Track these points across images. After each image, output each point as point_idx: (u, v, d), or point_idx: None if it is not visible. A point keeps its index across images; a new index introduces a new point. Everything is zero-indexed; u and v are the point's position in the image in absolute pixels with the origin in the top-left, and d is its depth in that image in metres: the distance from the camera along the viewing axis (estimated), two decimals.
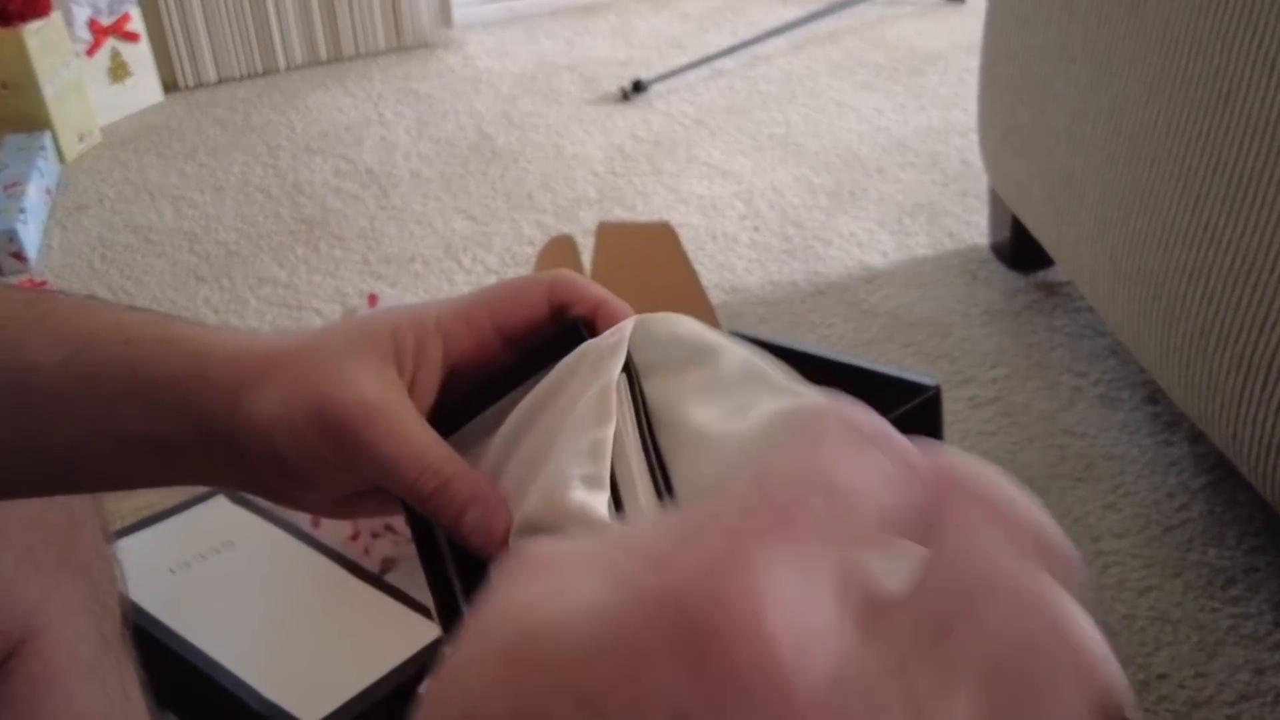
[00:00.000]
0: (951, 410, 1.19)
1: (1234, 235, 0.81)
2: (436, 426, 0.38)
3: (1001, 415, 1.20)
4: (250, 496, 0.94)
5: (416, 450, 0.37)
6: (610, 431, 0.34)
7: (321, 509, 0.41)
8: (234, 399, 0.37)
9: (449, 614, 0.37)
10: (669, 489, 0.34)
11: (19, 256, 1.53)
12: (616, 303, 0.40)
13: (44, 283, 1.44)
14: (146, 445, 0.39)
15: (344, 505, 0.41)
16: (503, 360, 0.41)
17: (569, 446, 0.34)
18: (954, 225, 1.54)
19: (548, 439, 0.35)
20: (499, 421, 0.39)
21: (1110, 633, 0.95)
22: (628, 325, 0.37)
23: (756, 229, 1.57)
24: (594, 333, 0.39)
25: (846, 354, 1.10)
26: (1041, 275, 1.41)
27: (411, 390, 0.38)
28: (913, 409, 1.15)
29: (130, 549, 0.89)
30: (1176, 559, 1.02)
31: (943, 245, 1.50)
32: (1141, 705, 0.90)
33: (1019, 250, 1.39)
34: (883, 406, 1.01)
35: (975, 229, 1.52)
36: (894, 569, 0.17)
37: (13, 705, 0.53)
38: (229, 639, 0.83)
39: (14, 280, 1.50)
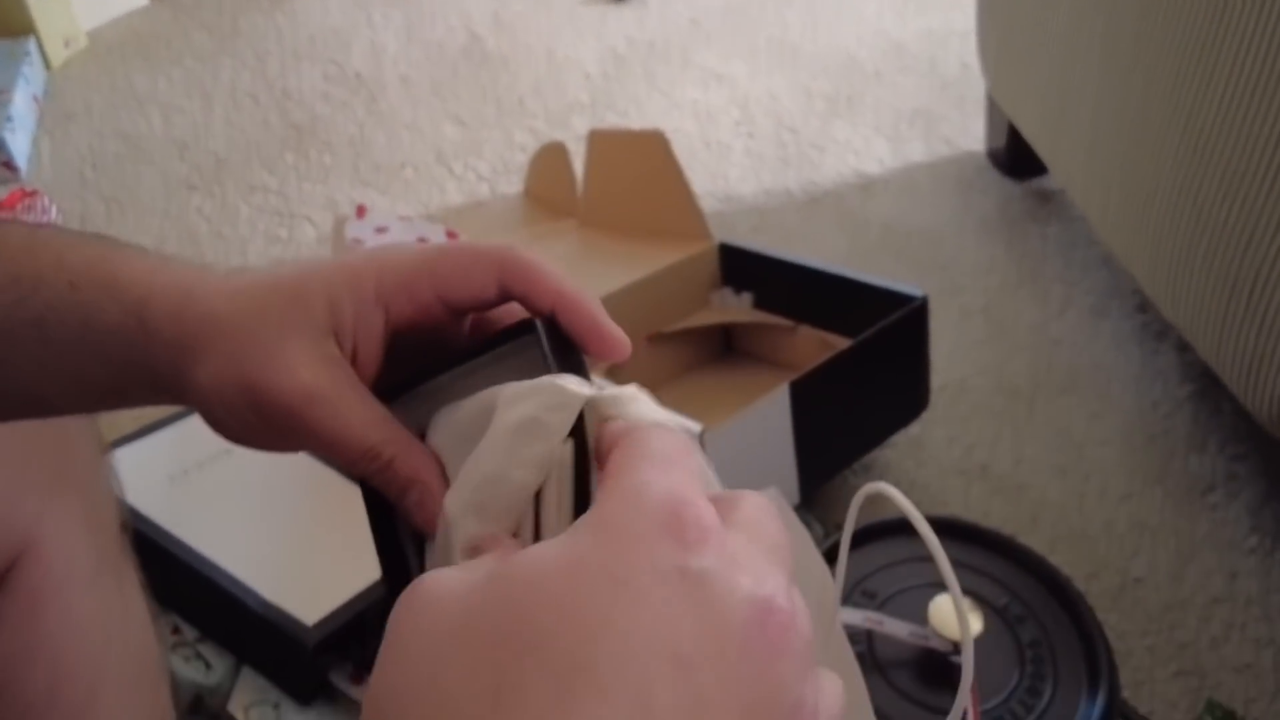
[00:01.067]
0: (941, 320, 1.20)
1: (1224, 151, 0.81)
2: (382, 395, 0.38)
3: (990, 325, 1.21)
4: None
5: (357, 434, 0.36)
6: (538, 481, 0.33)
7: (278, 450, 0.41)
8: (176, 361, 0.37)
9: (395, 578, 0.38)
10: None
11: (9, 165, 1.51)
12: (575, 295, 0.37)
13: (35, 192, 1.43)
14: (102, 387, 0.39)
15: (298, 448, 0.41)
16: (448, 330, 0.40)
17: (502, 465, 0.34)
18: (951, 132, 1.53)
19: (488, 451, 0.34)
20: (445, 396, 0.38)
21: (1089, 538, 0.97)
22: (584, 397, 0.34)
23: (751, 136, 1.56)
24: (554, 329, 0.37)
25: (837, 265, 1.10)
26: (1037, 183, 1.40)
27: (354, 361, 0.37)
28: (900, 319, 1.16)
29: (127, 458, 0.91)
30: (1158, 467, 1.04)
31: (939, 152, 1.49)
32: (1117, 608, 0.92)
33: (1015, 157, 1.38)
34: (871, 317, 1.01)
35: (972, 135, 1.50)
36: None
37: (15, 616, 0.54)
38: (228, 543, 0.85)
39: (4, 189, 1.50)
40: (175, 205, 1.48)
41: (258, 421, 0.37)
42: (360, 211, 1.31)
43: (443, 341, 0.40)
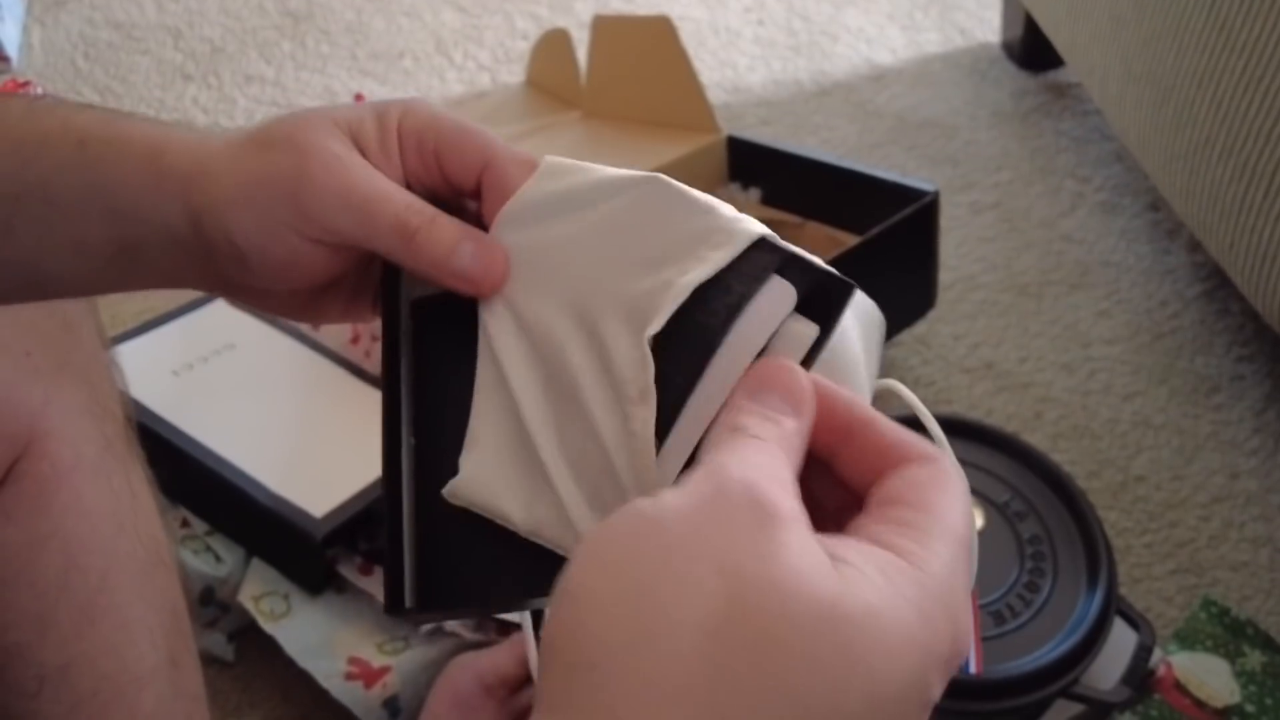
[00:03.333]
0: (951, 215, 1.18)
1: (1249, 37, 0.78)
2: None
3: (1001, 220, 1.19)
4: None
5: (395, 190, 0.35)
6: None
7: (286, 308, 0.40)
8: (188, 189, 0.36)
9: (394, 415, 0.37)
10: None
11: (0, 56, 1.48)
12: (504, 167, 0.36)
13: (28, 83, 1.40)
14: (105, 250, 0.38)
15: (310, 303, 0.40)
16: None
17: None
18: (966, 21, 1.48)
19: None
20: None
21: (1092, 436, 0.98)
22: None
23: (761, 23, 1.51)
24: (481, 200, 0.37)
25: (848, 159, 1.08)
26: (1051, 76, 1.37)
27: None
28: (911, 214, 1.14)
29: (131, 352, 0.90)
30: (1164, 366, 1.04)
31: (953, 42, 1.45)
32: (1118, 506, 0.93)
33: (1030, 49, 1.34)
34: (881, 212, 1.00)
35: (988, 25, 1.46)
36: None
37: (23, 506, 0.55)
38: (234, 437, 0.85)
39: None
40: (171, 96, 1.45)
41: (283, 205, 0.35)
42: (359, 101, 1.28)
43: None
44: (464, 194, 0.38)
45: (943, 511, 0.27)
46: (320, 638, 0.78)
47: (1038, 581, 0.74)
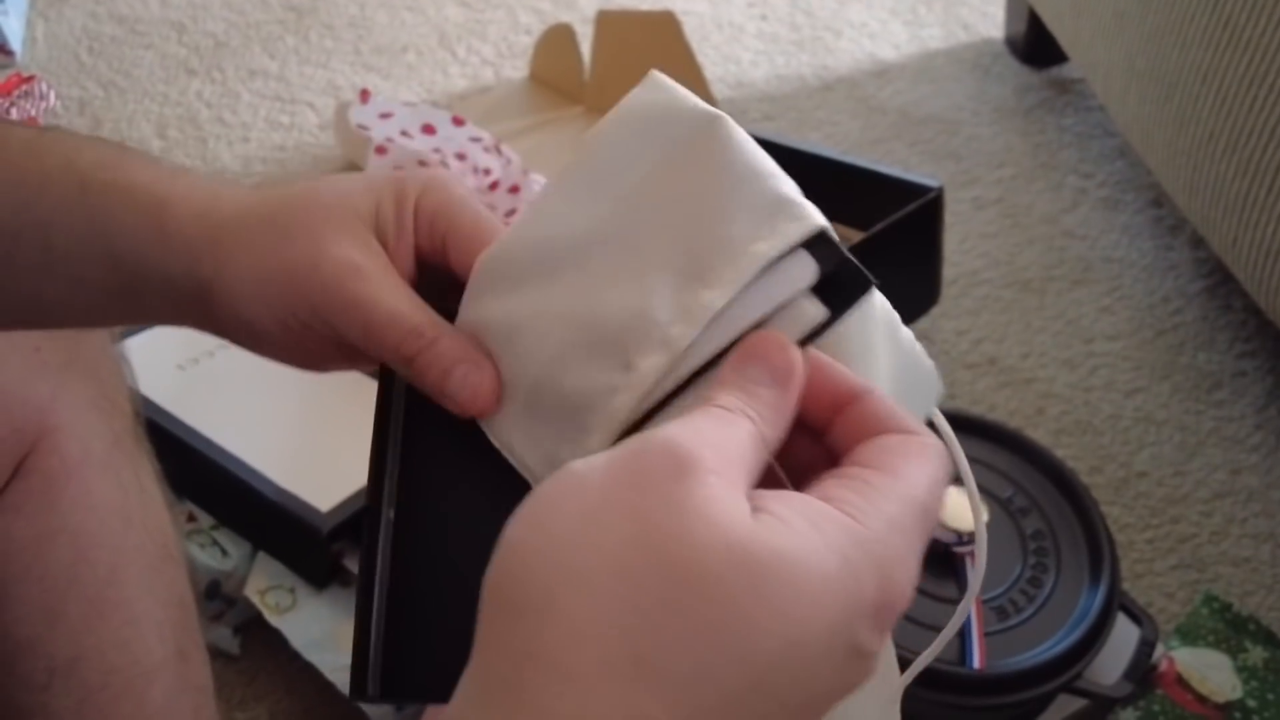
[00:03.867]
0: (954, 211, 1.18)
1: (1254, 33, 0.78)
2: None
3: (1004, 216, 1.19)
4: None
5: (403, 311, 0.35)
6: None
7: (289, 363, 0.40)
8: (196, 259, 0.36)
9: (377, 488, 0.38)
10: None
11: (3, 49, 1.48)
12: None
13: (32, 77, 1.40)
14: (108, 286, 0.38)
15: (312, 361, 0.40)
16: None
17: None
18: (969, 16, 1.48)
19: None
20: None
21: (1095, 431, 0.98)
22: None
23: (764, 17, 1.51)
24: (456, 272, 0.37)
25: (851, 154, 1.08)
26: (1054, 72, 1.37)
27: (394, 261, 0.37)
28: (915, 210, 1.14)
29: (138, 347, 0.91)
30: (1166, 362, 1.04)
31: (956, 37, 1.45)
32: (1120, 501, 0.93)
33: (1034, 44, 1.34)
34: (885, 207, 0.99)
35: (991, 20, 1.46)
36: None
37: (32, 500, 0.55)
38: (240, 432, 0.85)
39: (1, 74, 1.47)
40: (175, 90, 1.45)
41: (296, 303, 0.35)
42: (364, 96, 1.28)
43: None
44: (465, 279, 0.38)
45: (904, 475, 0.27)
46: (325, 631, 0.79)
47: (1040, 577, 0.74)
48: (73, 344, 0.59)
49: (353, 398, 0.91)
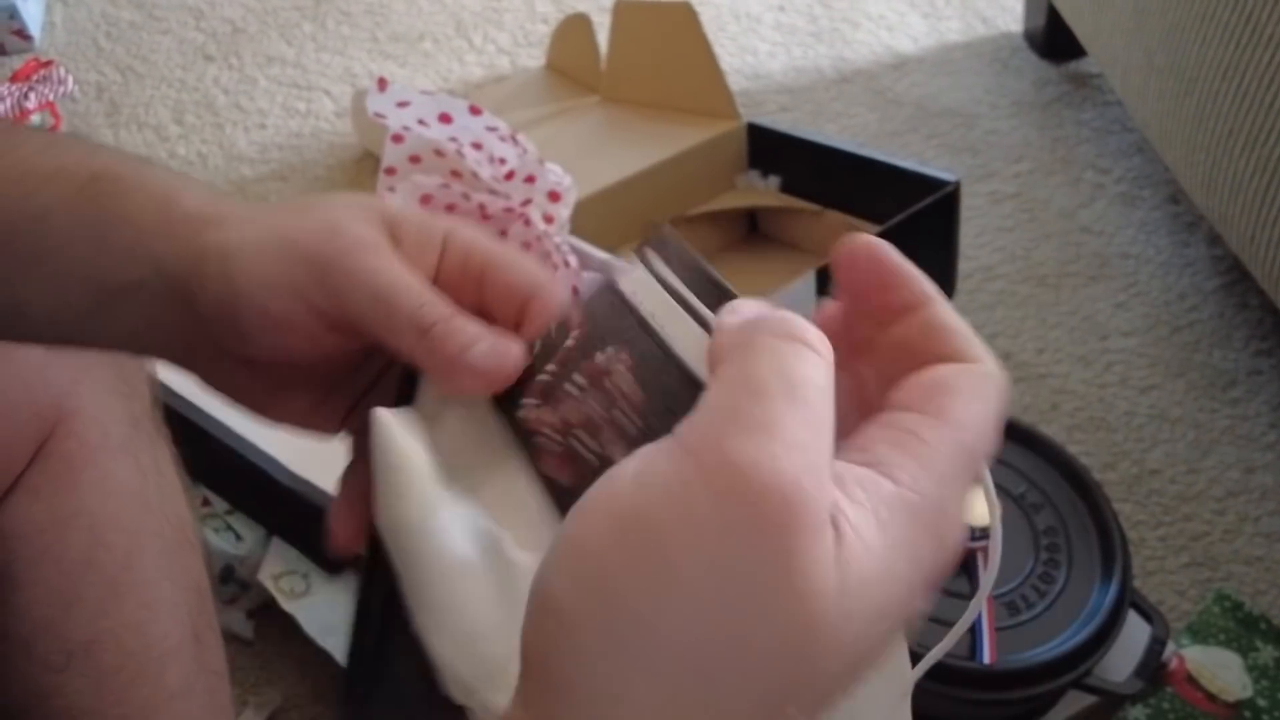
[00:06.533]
0: (971, 205, 1.18)
1: (1276, 29, 0.78)
2: None
3: (1021, 210, 1.19)
4: None
5: (422, 285, 0.34)
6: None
7: (245, 394, 0.38)
8: (199, 230, 0.34)
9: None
10: None
11: (22, 35, 1.49)
12: (550, 301, 0.35)
13: (50, 62, 1.41)
14: (86, 290, 0.36)
15: (272, 393, 0.37)
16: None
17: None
18: (988, 9, 1.48)
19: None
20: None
21: (1108, 428, 0.98)
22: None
23: (782, 9, 1.51)
24: (521, 332, 0.35)
25: (868, 147, 1.07)
26: (1073, 66, 1.36)
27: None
28: (931, 204, 1.13)
29: None
30: (1181, 359, 1.03)
31: (975, 31, 1.45)
32: (1132, 498, 0.93)
33: (1052, 38, 1.34)
34: (901, 201, 0.99)
35: (1010, 14, 1.45)
36: None
37: (51, 484, 0.55)
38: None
39: (19, 59, 1.47)
40: (192, 76, 1.45)
41: (299, 271, 0.33)
42: (381, 84, 1.28)
43: None
44: (497, 323, 0.35)
45: (954, 418, 0.25)
46: (339, 616, 0.79)
47: (1052, 573, 0.74)
48: None
49: None
